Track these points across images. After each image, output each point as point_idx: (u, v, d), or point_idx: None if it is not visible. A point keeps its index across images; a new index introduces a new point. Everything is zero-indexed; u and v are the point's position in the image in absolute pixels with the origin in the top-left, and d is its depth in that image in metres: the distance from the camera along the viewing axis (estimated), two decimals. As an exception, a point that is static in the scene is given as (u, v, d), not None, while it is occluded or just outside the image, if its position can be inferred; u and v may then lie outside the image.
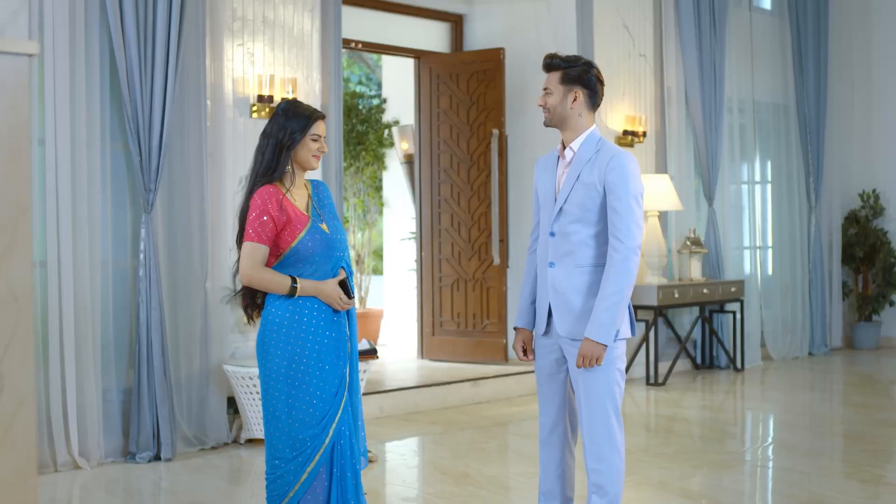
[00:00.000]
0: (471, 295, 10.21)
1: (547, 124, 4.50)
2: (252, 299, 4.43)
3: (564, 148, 4.46)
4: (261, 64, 7.74)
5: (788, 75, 12.01)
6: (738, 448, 7.59)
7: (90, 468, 6.69)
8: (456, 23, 10.64)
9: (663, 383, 10.05)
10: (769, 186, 12.08)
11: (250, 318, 4.48)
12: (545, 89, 4.45)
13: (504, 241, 10.01)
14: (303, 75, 7.94)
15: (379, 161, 12.45)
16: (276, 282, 4.26)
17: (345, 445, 4.37)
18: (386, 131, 12.37)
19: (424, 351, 10.51)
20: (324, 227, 4.34)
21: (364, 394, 7.71)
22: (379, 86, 14.59)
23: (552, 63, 4.44)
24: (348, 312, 4.43)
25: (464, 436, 7.70)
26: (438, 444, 7.46)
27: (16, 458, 2.18)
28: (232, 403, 7.51)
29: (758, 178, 11.95)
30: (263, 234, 4.24)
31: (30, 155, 2.19)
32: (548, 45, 10.02)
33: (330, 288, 4.30)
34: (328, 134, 7.54)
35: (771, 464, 6.97)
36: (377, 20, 10.03)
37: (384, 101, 12.72)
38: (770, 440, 7.90)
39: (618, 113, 10.30)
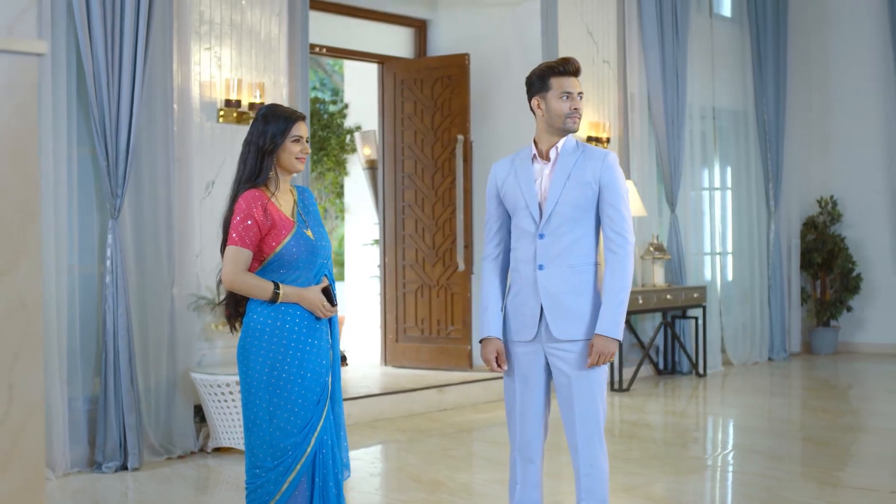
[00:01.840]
0: (435, 301, 10.17)
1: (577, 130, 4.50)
2: (235, 308, 4.37)
3: (545, 150, 4.43)
4: (228, 68, 7.66)
5: (748, 82, 12.09)
6: (701, 453, 7.65)
7: (56, 479, 6.57)
8: (420, 28, 10.60)
9: (627, 389, 10.06)
10: (729, 192, 12.15)
11: (233, 326, 4.41)
12: (580, 93, 4.44)
13: (469, 246, 9.98)
14: (270, 80, 7.87)
15: (340, 166, 12.39)
16: (259, 287, 4.20)
17: (327, 455, 4.31)
18: (348, 137, 12.30)
19: (388, 357, 10.45)
20: (308, 233, 4.28)
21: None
22: (334, 91, 14.53)
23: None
24: (331, 320, 4.38)
25: (432, 443, 7.66)
26: (407, 451, 7.41)
27: (25, 470, 2.12)
28: (199, 411, 7.41)
29: (717, 184, 12.01)
30: (247, 238, 4.18)
31: (37, 158, 2.13)
32: (513, 51, 10.03)
33: (313, 295, 4.25)
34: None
35: (732, 468, 7.00)
36: (341, 25, 9.97)
37: (346, 106, 12.66)
38: (732, 445, 7.94)
39: (582, 119, 10.28)
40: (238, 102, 7.56)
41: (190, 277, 7.34)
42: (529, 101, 4.49)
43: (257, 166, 4.26)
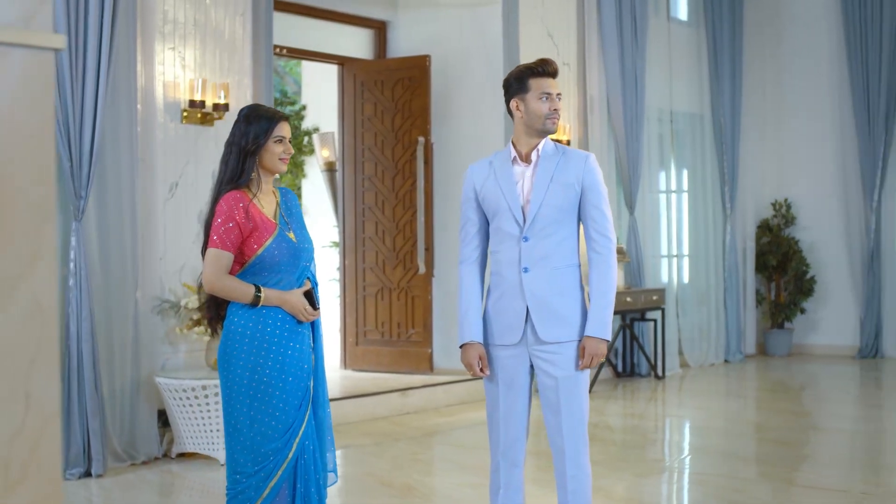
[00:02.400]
0: (395, 304, 10.12)
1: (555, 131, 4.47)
2: (216, 311, 4.30)
3: (526, 153, 4.40)
4: (192, 68, 7.56)
5: (704, 85, 12.16)
6: (661, 455, 7.71)
7: (18, 485, 6.43)
8: (380, 29, 10.55)
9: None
10: (685, 195, 12.22)
11: (214, 330, 4.34)
12: (559, 94, 4.41)
13: (430, 249, 9.94)
14: (234, 80, 7.78)
15: (298, 168, 12.29)
16: (240, 290, 4.13)
17: (308, 460, 4.26)
18: (305, 138, 12.20)
19: (348, 361, 10.38)
20: (291, 235, 4.22)
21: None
22: (283, 93, 14.41)
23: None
24: (314, 324, 4.32)
25: (399, 447, 7.61)
26: (374, 455, 7.35)
27: (42, 484, 2.04)
28: (162, 416, 7.30)
29: (674, 187, 12.07)
30: (228, 240, 4.11)
31: (54, 157, 2.05)
32: (474, 52, 10.01)
33: (295, 298, 4.19)
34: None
35: (691, 469, 7.06)
36: (301, 26, 9.88)
37: (303, 107, 12.57)
38: (691, 446, 7.99)
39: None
40: (202, 103, 7.46)
41: (153, 280, 7.23)
42: (507, 103, 4.46)
43: (239, 167, 4.18)
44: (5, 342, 1.98)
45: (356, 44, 10.45)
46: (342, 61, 10.32)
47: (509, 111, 4.46)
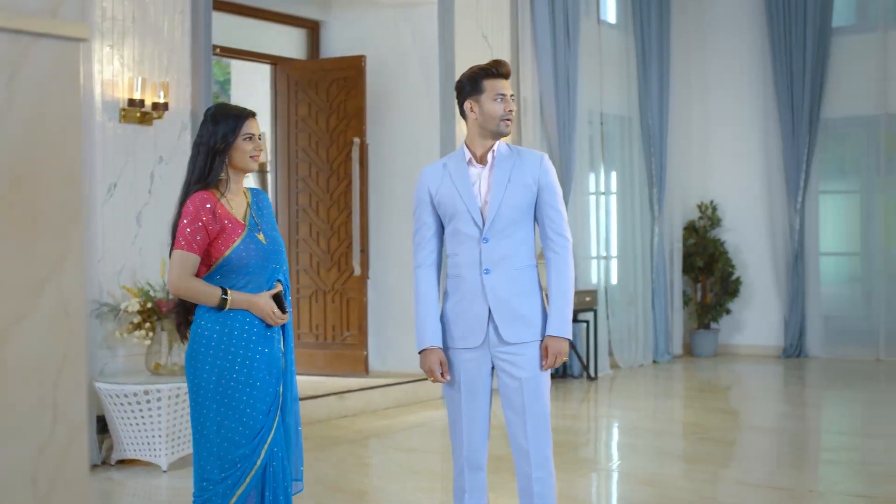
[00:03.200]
0: (330, 306, 10.01)
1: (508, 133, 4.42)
2: (185, 316, 4.19)
3: (481, 154, 4.35)
4: (131, 67, 7.38)
5: (633, 88, 12.23)
6: (593, 454, 7.83)
7: (-46, 496, 6.22)
8: (313, 29, 10.43)
9: (523, 393, 10.04)
10: (613, 197, 12.27)
11: (183, 335, 4.22)
12: (512, 96, 4.36)
13: (365, 251, 9.85)
14: (174, 79, 7.61)
15: (227, 169, 12.09)
16: (206, 293, 4.04)
17: (277, 467, 4.18)
18: (234, 139, 12.00)
19: (281, 364, 10.22)
20: (261, 237, 4.13)
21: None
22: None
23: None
24: (284, 327, 4.23)
25: (342, 451, 7.52)
26: (319, 460, 7.23)
27: (70, 497, 1.94)
28: (101, 422, 7.11)
29: (603, 188, 12.11)
30: (194, 242, 4.01)
31: (80, 155, 1.96)
32: (409, 53, 9.94)
33: (263, 301, 4.10)
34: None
35: (621, 468, 7.17)
36: (233, 25, 9.71)
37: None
38: (624, 446, 8.11)
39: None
40: (141, 102, 7.29)
41: (92, 283, 7.04)
42: (461, 105, 4.41)
43: (207, 166, 4.09)
44: (32, 349, 1.89)
45: (289, 43, 10.32)
46: (275, 61, 10.18)
47: (462, 113, 4.40)
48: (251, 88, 11.68)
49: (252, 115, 4.21)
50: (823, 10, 12.35)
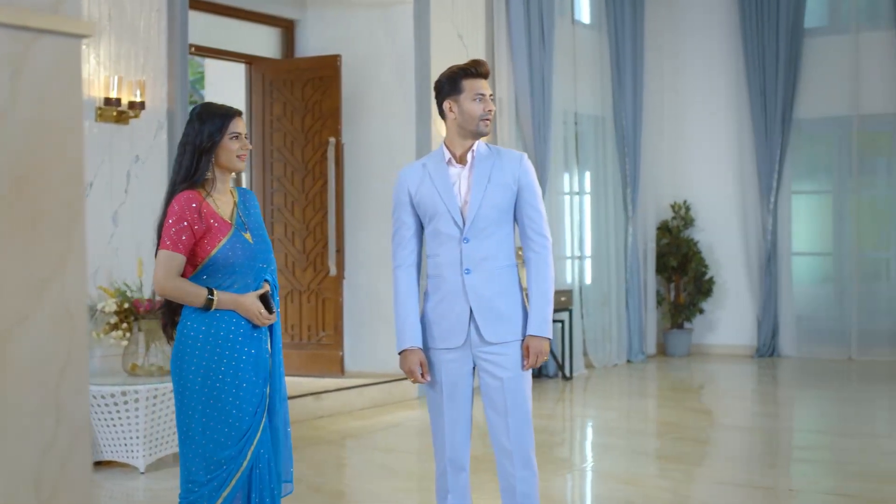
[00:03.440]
0: (305, 306, 9.98)
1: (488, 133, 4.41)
2: (171, 317, 4.16)
3: (461, 154, 4.35)
4: (107, 65, 7.33)
5: (607, 88, 12.26)
6: (568, 454, 7.84)
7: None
8: (288, 28, 10.39)
9: (499, 393, 10.05)
10: (587, 197, 12.30)
11: (170, 336, 4.19)
12: (491, 95, 4.36)
13: (341, 251, 9.82)
14: (150, 78, 7.56)
15: (200, 169, 12.03)
16: (192, 293, 4.01)
17: (263, 469, 4.15)
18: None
19: (256, 364, 10.18)
20: (247, 236, 4.11)
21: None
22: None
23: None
24: (272, 328, 4.21)
25: (321, 451, 7.49)
26: (297, 461, 7.15)
27: (73, 500, 1.92)
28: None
29: (577, 188, 12.13)
30: (180, 242, 3.99)
31: (82, 153, 1.93)
32: (385, 53, 9.93)
33: (249, 301, 4.08)
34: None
35: (596, 467, 7.21)
36: (208, 23, 9.66)
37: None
38: (599, 445, 8.14)
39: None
40: (118, 101, 7.24)
41: (68, 284, 6.98)
42: (440, 104, 4.40)
43: (193, 166, 4.06)
44: (35, 350, 1.86)
45: (264, 43, 10.28)
46: (250, 60, 10.14)
47: (441, 113, 4.40)
48: (225, 88, 11.63)
49: (238, 113, 4.18)
50: (796, 12, 12.43)
